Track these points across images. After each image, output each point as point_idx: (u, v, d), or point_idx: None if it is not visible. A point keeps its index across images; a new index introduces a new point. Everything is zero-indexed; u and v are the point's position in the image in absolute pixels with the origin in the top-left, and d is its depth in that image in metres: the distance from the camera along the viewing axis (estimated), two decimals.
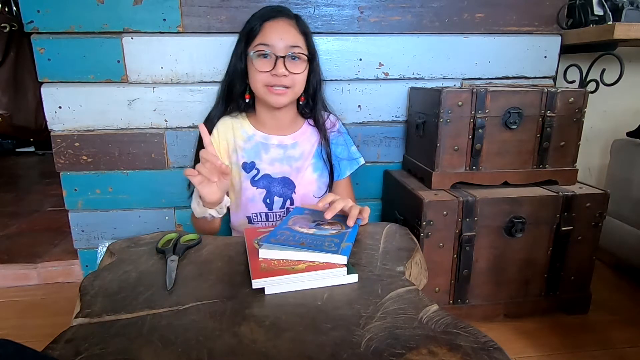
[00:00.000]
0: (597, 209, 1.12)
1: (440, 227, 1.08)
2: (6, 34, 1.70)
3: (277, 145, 1.01)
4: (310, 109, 1.03)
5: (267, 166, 1.00)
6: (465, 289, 1.13)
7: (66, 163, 1.24)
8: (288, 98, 0.93)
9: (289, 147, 1.01)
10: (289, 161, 1.01)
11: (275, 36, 0.89)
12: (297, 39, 0.92)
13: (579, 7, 1.28)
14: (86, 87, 1.19)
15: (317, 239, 0.69)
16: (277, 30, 0.90)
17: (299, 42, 0.91)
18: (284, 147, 1.01)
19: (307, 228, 0.74)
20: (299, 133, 1.03)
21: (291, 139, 1.02)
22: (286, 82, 0.90)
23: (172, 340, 0.50)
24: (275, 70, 0.88)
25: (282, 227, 0.74)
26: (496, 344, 0.48)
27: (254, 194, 0.99)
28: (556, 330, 1.14)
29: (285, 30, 0.90)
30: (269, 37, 0.89)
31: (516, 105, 1.09)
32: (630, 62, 1.49)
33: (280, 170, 1.01)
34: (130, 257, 0.73)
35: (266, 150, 1.01)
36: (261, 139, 1.00)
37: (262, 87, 0.92)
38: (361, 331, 0.51)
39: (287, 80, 0.90)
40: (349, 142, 1.09)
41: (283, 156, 1.01)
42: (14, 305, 1.32)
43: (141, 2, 1.15)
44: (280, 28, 0.90)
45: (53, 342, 0.49)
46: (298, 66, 0.91)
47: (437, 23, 1.27)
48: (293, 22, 0.93)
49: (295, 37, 0.91)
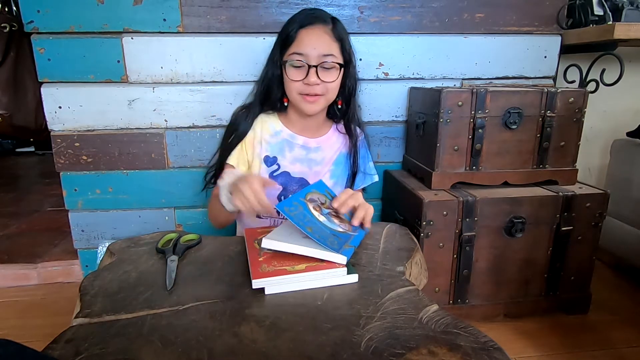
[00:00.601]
0: (597, 209, 1.12)
1: (440, 227, 1.08)
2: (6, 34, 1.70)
3: (302, 146, 1.02)
4: (344, 113, 1.02)
5: (288, 164, 1.01)
6: (465, 289, 1.13)
7: (66, 163, 1.24)
8: (320, 106, 0.94)
9: (312, 149, 1.02)
10: (309, 163, 1.02)
11: (309, 45, 0.89)
12: (331, 47, 0.91)
13: (579, 7, 1.28)
14: (86, 87, 1.19)
15: (323, 231, 0.69)
16: (312, 38, 0.90)
17: (332, 50, 0.91)
18: (307, 149, 1.02)
19: (319, 212, 0.74)
20: (324, 138, 1.03)
21: (315, 143, 1.02)
22: (318, 91, 0.91)
23: (172, 340, 0.50)
24: (308, 80, 0.90)
25: (298, 198, 0.73)
26: (496, 344, 0.48)
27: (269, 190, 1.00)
28: (556, 330, 1.14)
29: (319, 39, 0.90)
30: (303, 46, 0.90)
31: (516, 105, 1.09)
32: (630, 62, 1.49)
33: (299, 170, 1.01)
34: (130, 257, 0.73)
35: (290, 148, 1.01)
36: (287, 137, 1.01)
37: (296, 95, 0.93)
38: (361, 331, 0.51)
39: (319, 88, 0.91)
40: (367, 156, 1.07)
41: (305, 157, 1.02)
42: (14, 305, 1.32)
43: (141, 2, 1.15)
44: (314, 36, 0.90)
45: (53, 342, 0.49)
46: (331, 74, 0.91)
47: (437, 23, 1.27)
48: (329, 28, 0.92)
49: (330, 46, 0.91)
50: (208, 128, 1.26)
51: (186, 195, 1.30)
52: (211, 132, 1.27)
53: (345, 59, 0.94)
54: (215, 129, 1.27)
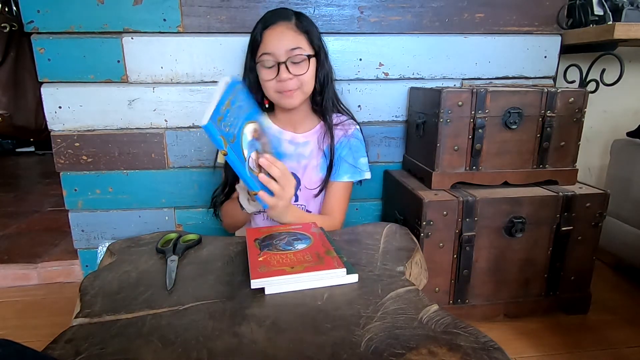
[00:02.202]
0: (597, 209, 1.12)
1: (440, 227, 1.08)
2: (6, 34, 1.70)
3: (290, 141, 1.03)
4: (318, 103, 1.02)
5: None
6: (465, 289, 1.13)
7: (66, 163, 1.24)
8: (299, 98, 0.95)
9: (300, 144, 1.03)
10: (298, 158, 1.03)
11: (275, 43, 0.91)
12: (297, 40, 0.92)
13: (579, 7, 1.28)
14: (86, 87, 1.19)
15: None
16: (276, 36, 0.92)
17: (299, 43, 0.92)
18: (295, 144, 1.03)
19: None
20: (312, 132, 1.04)
21: (303, 137, 1.03)
22: (292, 85, 0.93)
23: (172, 340, 0.50)
24: (280, 77, 0.91)
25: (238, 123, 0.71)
26: (496, 344, 0.48)
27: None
28: (556, 330, 1.14)
29: (283, 35, 0.92)
30: (270, 45, 0.91)
31: (516, 105, 1.09)
32: (630, 62, 1.49)
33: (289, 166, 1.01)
34: (130, 257, 0.73)
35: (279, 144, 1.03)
36: (276, 133, 1.03)
37: (273, 93, 0.95)
38: (361, 331, 0.51)
39: (292, 83, 0.92)
40: (361, 151, 1.05)
41: (294, 152, 1.03)
42: (14, 305, 1.32)
43: (141, 2, 1.15)
44: (278, 34, 0.92)
45: (53, 342, 0.49)
46: (301, 67, 0.92)
47: (437, 23, 1.27)
48: (292, 23, 0.93)
49: (295, 39, 0.92)
50: None
51: (186, 195, 1.30)
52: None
53: (315, 50, 0.95)
54: None
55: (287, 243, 0.72)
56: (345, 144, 1.03)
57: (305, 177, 1.03)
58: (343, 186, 1.04)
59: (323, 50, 0.98)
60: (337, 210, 1.02)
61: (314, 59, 0.95)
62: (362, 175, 1.05)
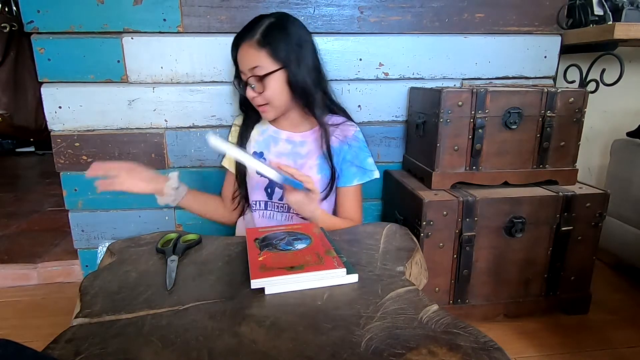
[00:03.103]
0: (597, 209, 1.12)
1: (440, 227, 1.08)
2: (6, 34, 1.70)
3: (286, 140, 1.03)
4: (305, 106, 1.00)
5: (273, 158, 1.03)
6: (465, 289, 1.13)
7: (66, 163, 1.24)
8: (272, 113, 0.97)
9: (297, 144, 1.03)
10: (294, 157, 1.03)
11: (240, 63, 0.95)
12: (256, 58, 0.91)
13: (579, 7, 1.28)
14: (86, 87, 1.19)
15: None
16: (240, 57, 0.94)
17: (258, 61, 0.91)
18: (292, 143, 1.03)
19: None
20: (309, 132, 1.04)
21: (300, 137, 1.03)
22: (259, 102, 0.95)
23: (172, 340, 0.50)
24: (247, 94, 0.95)
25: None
26: (496, 344, 0.48)
27: (258, 182, 1.04)
28: (556, 330, 1.14)
29: (244, 56, 0.93)
30: (238, 62, 0.95)
31: (516, 105, 1.09)
32: (630, 62, 1.49)
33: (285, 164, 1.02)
34: (130, 257, 0.73)
35: (275, 143, 1.04)
36: (272, 132, 1.05)
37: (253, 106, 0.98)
38: (361, 331, 0.51)
39: (259, 99, 0.95)
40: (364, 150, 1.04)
41: (290, 152, 1.03)
42: (14, 305, 1.32)
43: (141, 2, 1.15)
44: (241, 55, 0.94)
45: (53, 342, 0.49)
46: (262, 85, 0.93)
47: (437, 23, 1.27)
48: (253, 40, 0.91)
49: (254, 57, 0.91)
50: (208, 128, 1.26)
51: None
52: (211, 132, 1.27)
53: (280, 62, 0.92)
54: (215, 129, 1.27)
55: (287, 243, 0.72)
56: (347, 148, 1.02)
57: None
58: (354, 190, 1.03)
59: (294, 58, 0.93)
60: (354, 213, 1.02)
61: (279, 73, 0.92)
62: (372, 175, 1.04)
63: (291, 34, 0.95)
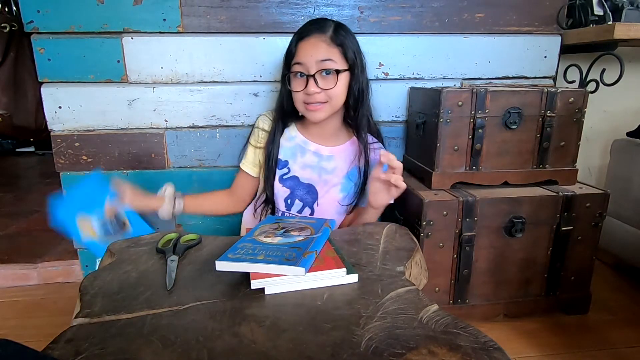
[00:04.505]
0: (597, 209, 1.12)
1: (440, 227, 1.08)
2: (6, 34, 1.70)
3: (314, 153, 1.02)
4: (352, 118, 1.00)
5: (298, 168, 1.01)
6: (465, 289, 1.13)
7: (66, 163, 1.23)
8: (325, 113, 0.94)
9: (324, 157, 1.02)
10: (320, 171, 1.02)
11: (307, 54, 0.90)
12: (329, 52, 0.90)
13: (579, 7, 1.28)
14: (86, 87, 1.19)
15: (279, 249, 0.66)
16: (309, 47, 0.90)
17: (331, 56, 0.90)
18: (319, 156, 1.02)
19: (272, 237, 0.72)
20: (339, 149, 1.02)
21: (329, 151, 1.02)
22: (320, 99, 0.91)
23: (172, 340, 0.50)
24: (307, 89, 0.90)
25: (245, 240, 0.71)
26: (496, 344, 0.48)
27: (279, 191, 1.02)
28: (556, 330, 1.14)
29: (315, 47, 0.90)
30: (301, 55, 0.91)
31: (516, 105, 1.09)
32: (630, 62, 1.49)
33: (309, 177, 1.02)
34: (130, 257, 0.73)
35: (302, 153, 1.02)
36: (300, 142, 1.03)
37: (301, 105, 0.95)
38: (361, 331, 0.51)
39: (320, 96, 0.91)
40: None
41: (316, 165, 1.02)
42: (14, 305, 1.32)
43: (141, 2, 1.15)
44: (311, 45, 0.91)
45: (53, 342, 0.49)
46: (330, 80, 0.91)
47: (437, 23, 1.27)
48: (326, 36, 0.91)
49: (327, 51, 0.90)
50: (208, 128, 1.26)
51: None
52: (211, 132, 1.27)
53: (348, 63, 0.93)
54: (215, 129, 1.27)
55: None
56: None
57: (324, 192, 1.02)
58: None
59: (359, 64, 0.95)
60: None
61: (346, 73, 0.92)
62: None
63: (356, 40, 0.96)
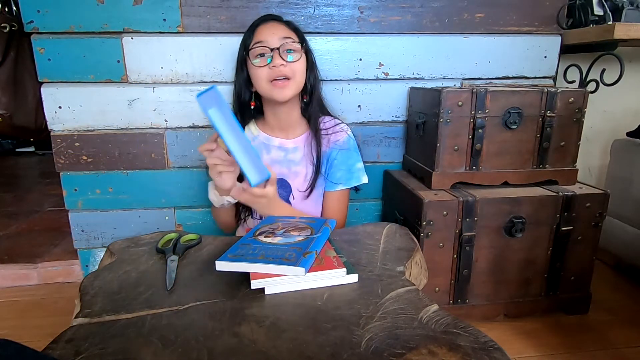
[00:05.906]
0: (597, 209, 1.12)
1: (440, 227, 1.08)
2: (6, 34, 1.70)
3: (279, 147, 1.02)
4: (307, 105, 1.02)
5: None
6: (465, 289, 1.13)
7: (66, 163, 1.23)
8: (291, 90, 0.94)
9: (289, 150, 1.02)
10: (288, 164, 1.02)
11: (268, 33, 0.93)
12: (288, 32, 0.95)
13: (579, 7, 1.28)
14: (86, 87, 1.19)
15: (279, 249, 0.66)
16: (268, 28, 0.94)
17: (290, 35, 0.95)
18: (285, 150, 1.02)
19: (272, 237, 0.71)
20: (301, 138, 1.03)
21: (292, 143, 1.03)
22: (286, 72, 0.92)
23: (172, 340, 0.50)
24: (273, 62, 0.91)
25: (245, 240, 0.71)
26: (496, 344, 0.48)
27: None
28: (556, 330, 1.14)
29: (275, 27, 0.95)
30: (262, 35, 0.93)
31: (516, 105, 1.09)
32: (630, 62, 1.49)
33: (279, 172, 1.02)
34: (130, 257, 0.73)
35: (268, 150, 1.03)
36: (264, 140, 1.03)
37: (265, 84, 0.93)
38: (361, 331, 0.51)
39: (286, 69, 0.92)
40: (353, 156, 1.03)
41: (283, 159, 1.02)
42: (14, 305, 1.32)
43: (141, 2, 1.15)
44: (270, 27, 0.95)
45: (53, 342, 0.49)
46: (294, 55, 0.94)
47: (437, 23, 1.27)
48: (282, 22, 0.98)
49: (286, 31, 0.95)
50: (208, 128, 1.26)
51: (186, 195, 1.30)
52: (211, 132, 1.27)
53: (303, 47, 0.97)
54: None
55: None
56: (336, 153, 1.02)
57: (295, 183, 1.03)
58: (339, 194, 1.03)
59: (311, 57, 1.01)
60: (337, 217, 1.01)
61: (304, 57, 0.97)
62: (360, 180, 1.03)
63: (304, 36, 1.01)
